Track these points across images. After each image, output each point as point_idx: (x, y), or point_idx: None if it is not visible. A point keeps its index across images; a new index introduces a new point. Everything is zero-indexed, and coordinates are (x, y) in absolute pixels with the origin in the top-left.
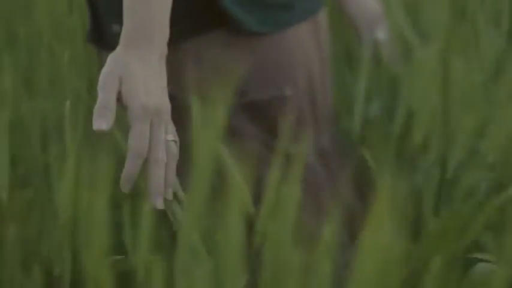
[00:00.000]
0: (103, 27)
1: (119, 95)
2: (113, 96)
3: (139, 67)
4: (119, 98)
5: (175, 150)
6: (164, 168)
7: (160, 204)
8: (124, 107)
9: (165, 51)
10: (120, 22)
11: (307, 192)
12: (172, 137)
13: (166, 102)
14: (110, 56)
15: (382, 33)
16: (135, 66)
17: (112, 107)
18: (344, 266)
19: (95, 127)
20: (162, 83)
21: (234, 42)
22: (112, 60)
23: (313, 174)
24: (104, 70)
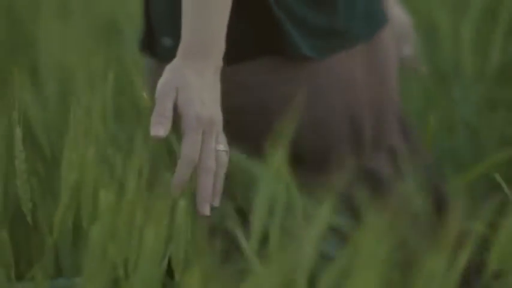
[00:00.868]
0: (155, 37)
1: (174, 104)
2: (169, 105)
3: (195, 79)
4: (175, 107)
5: (225, 160)
6: (213, 177)
7: (207, 211)
8: (179, 116)
9: (220, 64)
10: (170, 36)
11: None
12: (222, 147)
13: (219, 113)
14: (168, 67)
15: (410, 49)
16: (191, 77)
17: (169, 115)
18: None
19: (153, 133)
20: (216, 95)
21: (280, 67)
22: (169, 71)
23: (353, 191)
24: (162, 80)
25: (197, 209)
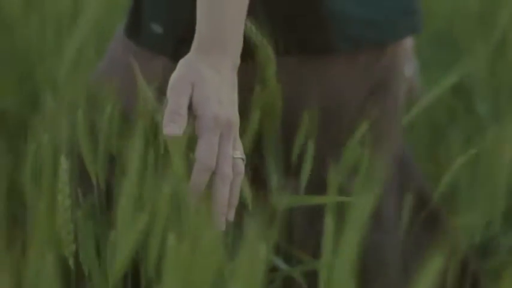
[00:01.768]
0: (143, 23)
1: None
2: (185, 102)
3: (211, 74)
4: (189, 105)
5: (242, 169)
6: (229, 186)
7: (223, 225)
8: (193, 115)
9: (238, 61)
10: (161, 22)
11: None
12: (239, 153)
13: (237, 115)
14: (181, 61)
15: (409, 69)
16: (208, 73)
17: (184, 112)
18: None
19: (167, 132)
20: (234, 95)
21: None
22: (183, 65)
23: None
24: (175, 75)
25: (212, 222)
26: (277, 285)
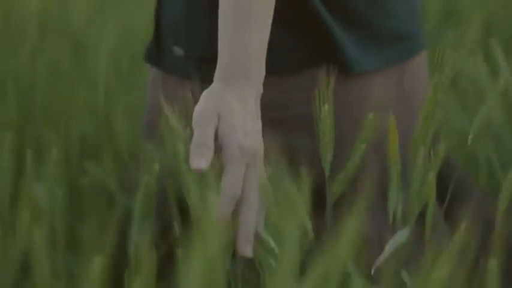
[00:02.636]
0: (164, 46)
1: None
2: (211, 133)
3: (236, 104)
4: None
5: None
6: (255, 216)
7: (249, 252)
8: (219, 146)
9: (260, 90)
10: (182, 45)
11: None
12: (265, 182)
13: (262, 144)
14: (205, 91)
15: None
16: (233, 102)
17: (211, 144)
18: None
19: (194, 166)
20: (258, 124)
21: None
22: (208, 96)
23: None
24: (200, 107)
25: (238, 249)
26: None
